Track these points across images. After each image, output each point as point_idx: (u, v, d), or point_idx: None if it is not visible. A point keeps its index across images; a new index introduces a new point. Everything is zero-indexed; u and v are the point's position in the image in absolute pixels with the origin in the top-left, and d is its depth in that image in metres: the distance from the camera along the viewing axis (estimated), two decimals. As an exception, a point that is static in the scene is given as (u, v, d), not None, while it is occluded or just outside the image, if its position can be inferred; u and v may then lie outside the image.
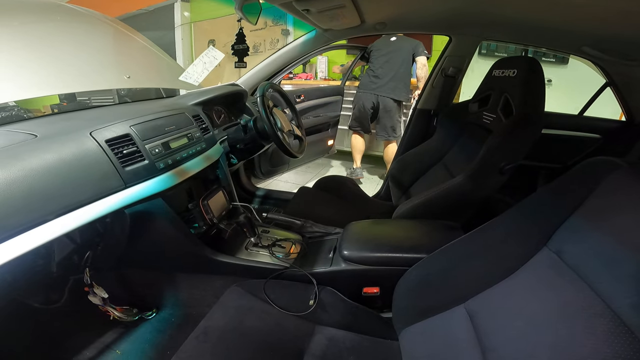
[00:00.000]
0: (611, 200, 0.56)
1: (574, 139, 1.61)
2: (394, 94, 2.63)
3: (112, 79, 1.11)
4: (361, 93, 2.71)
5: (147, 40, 1.34)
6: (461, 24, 1.32)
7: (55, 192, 0.68)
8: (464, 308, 0.70)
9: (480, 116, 1.25)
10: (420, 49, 2.59)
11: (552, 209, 0.64)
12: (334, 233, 1.18)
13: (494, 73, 1.21)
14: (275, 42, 3.46)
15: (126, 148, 0.82)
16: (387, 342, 0.89)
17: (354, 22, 1.23)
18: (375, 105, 2.68)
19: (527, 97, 1.04)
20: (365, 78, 2.70)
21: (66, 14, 1.15)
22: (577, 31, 1.07)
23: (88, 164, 0.75)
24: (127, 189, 0.80)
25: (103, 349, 0.95)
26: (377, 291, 0.97)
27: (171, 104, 1.18)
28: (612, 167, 0.60)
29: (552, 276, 0.57)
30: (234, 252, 1.12)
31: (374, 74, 2.63)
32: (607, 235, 0.53)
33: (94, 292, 0.99)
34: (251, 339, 0.86)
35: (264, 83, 1.21)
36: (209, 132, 1.13)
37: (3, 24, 0.91)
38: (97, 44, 1.13)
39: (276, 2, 0.97)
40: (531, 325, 0.55)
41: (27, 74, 0.87)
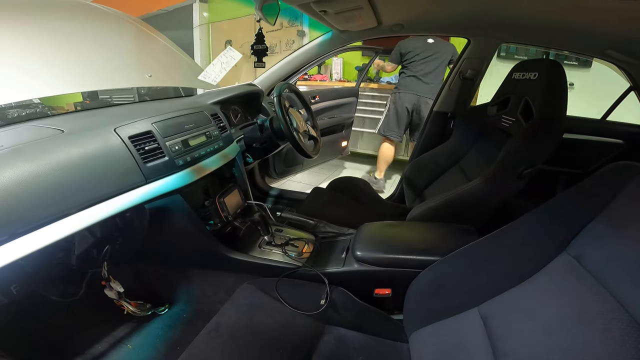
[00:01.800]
0: (633, 207, 0.55)
1: (595, 144, 1.56)
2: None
3: (135, 77, 1.14)
4: (402, 93, 2.58)
5: (168, 40, 1.37)
6: (480, 26, 1.30)
7: (79, 185, 0.70)
8: (477, 311, 0.69)
9: (499, 119, 1.23)
10: (456, 55, 2.52)
11: (572, 214, 0.63)
12: (347, 234, 1.18)
13: (514, 76, 1.19)
14: (291, 43, 3.49)
15: (148, 145, 0.85)
16: (397, 344, 0.89)
17: (371, 23, 1.23)
18: (416, 106, 2.58)
19: (548, 100, 1.02)
20: (406, 79, 2.58)
21: (91, 13, 1.19)
22: (602, 33, 1.04)
23: (112, 159, 0.77)
24: (148, 184, 0.83)
25: (115, 342, 0.97)
26: (388, 292, 0.97)
27: (191, 102, 1.20)
28: (636, 172, 0.59)
29: (571, 281, 0.56)
30: (248, 250, 1.13)
31: (414, 74, 2.53)
32: (630, 241, 0.52)
33: (111, 286, 1.02)
34: (261, 336, 0.87)
35: (280, 83, 1.22)
36: (226, 131, 1.15)
37: (33, 21, 0.95)
38: (120, 43, 1.16)
39: (294, 3, 0.98)
40: (546, 329, 0.54)
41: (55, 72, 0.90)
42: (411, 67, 2.56)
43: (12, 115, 1.52)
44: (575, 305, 0.53)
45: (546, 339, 0.53)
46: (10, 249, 0.59)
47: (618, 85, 1.50)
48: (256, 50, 1.04)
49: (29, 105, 2.38)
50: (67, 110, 2.72)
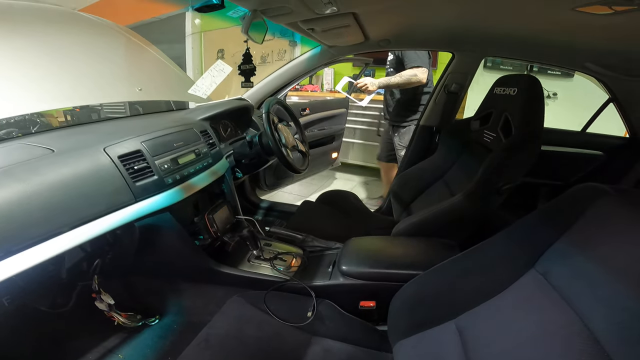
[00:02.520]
0: (596, 226, 0.59)
1: (576, 156, 1.61)
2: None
3: (124, 92, 1.15)
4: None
5: (159, 51, 1.38)
6: (463, 41, 1.34)
7: (70, 205, 0.72)
8: (454, 324, 0.72)
9: (481, 134, 1.27)
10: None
11: (540, 233, 0.67)
12: (334, 248, 1.21)
13: (496, 91, 1.22)
14: (283, 52, 3.52)
15: (137, 164, 0.87)
16: (382, 354, 0.91)
17: (358, 39, 1.27)
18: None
19: (526, 117, 1.05)
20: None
21: (81, 24, 1.18)
22: (580, 48, 1.09)
23: (102, 179, 0.79)
24: (137, 203, 0.85)
25: (106, 353, 0.98)
26: (373, 305, 1.00)
27: (180, 118, 1.22)
28: (599, 194, 0.62)
29: (537, 296, 0.60)
30: (237, 264, 1.15)
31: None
32: (591, 259, 0.55)
33: (101, 298, 1.03)
34: (250, 348, 0.89)
35: (269, 99, 1.25)
36: (215, 148, 1.18)
37: (22, 33, 0.96)
38: (110, 56, 1.16)
39: (282, 22, 1.01)
40: (515, 342, 0.57)
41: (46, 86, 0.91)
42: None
43: (3, 130, 1.53)
44: (541, 319, 0.56)
45: (514, 351, 0.56)
46: (6, 266, 0.61)
47: (600, 94, 1.55)
48: (244, 70, 1.06)
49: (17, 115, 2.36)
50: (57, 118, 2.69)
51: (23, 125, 2.00)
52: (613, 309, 0.47)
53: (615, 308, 0.47)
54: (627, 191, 0.61)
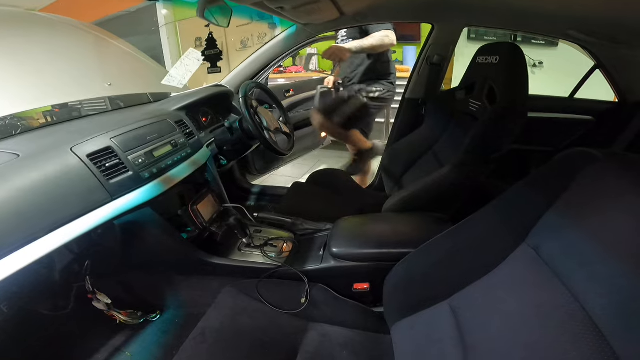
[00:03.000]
0: (586, 196, 0.55)
1: (565, 121, 1.59)
2: None
3: (94, 87, 1.11)
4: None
5: (127, 44, 1.33)
6: (443, 11, 1.29)
7: (43, 209, 0.70)
8: (447, 304, 0.71)
9: (467, 104, 1.24)
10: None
11: (529, 204, 0.64)
12: (325, 229, 1.19)
13: (478, 60, 1.19)
14: (263, 36, 3.40)
15: (108, 161, 0.83)
16: (380, 337, 0.91)
17: (333, 15, 1.21)
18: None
19: (510, 84, 1.03)
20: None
21: (39, 24, 1.14)
22: (562, 15, 1.05)
23: (72, 180, 0.76)
24: (114, 201, 0.82)
25: (113, 351, 0.99)
26: (367, 287, 0.99)
27: (153, 110, 1.17)
28: (588, 160, 0.58)
29: (530, 273, 0.57)
30: (227, 253, 1.14)
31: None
32: (582, 232, 0.52)
33: (97, 299, 1.03)
34: (246, 338, 0.89)
35: (246, 83, 1.21)
36: (194, 137, 1.14)
37: None
38: (74, 53, 1.12)
39: (247, 2, 0.96)
40: (509, 324, 0.55)
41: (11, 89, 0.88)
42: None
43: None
44: (535, 299, 0.53)
45: (509, 333, 0.54)
46: None
47: (587, 61, 1.52)
48: (208, 55, 1.01)
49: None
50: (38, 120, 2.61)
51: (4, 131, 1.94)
52: (609, 288, 0.44)
53: (611, 287, 0.44)
54: (617, 155, 0.58)
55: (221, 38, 1.09)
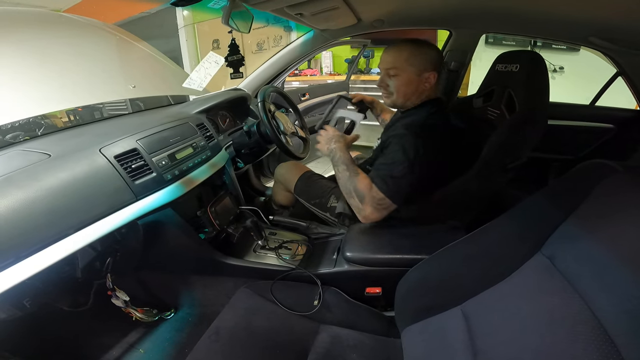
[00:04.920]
0: (604, 207, 0.56)
1: (586, 129, 1.56)
2: None
3: (118, 89, 1.14)
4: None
5: (150, 46, 1.36)
6: (461, 18, 1.29)
7: (72, 208, 0.73)
8: (460, 310, 0.72)
9: (485, 111, 1.23)
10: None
11: (546, 214, 0.64)
12: (339, 234, 1.21)
13: (497, 67, 1.18)
14: (279, 38, 3.44)
15: (134, 162, 0.86)
16: (390, 340, 0.92)
17: (350, 21, 1.22)
18: None
19: (530, 93, 1.02)
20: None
21: (66, 25, 1.18)
22: (582, 21, 1.04)
23: (100, 180, 0.79)
24: (138, 201, 0.85)
25: (128, 348, 1.02)
26: (379, 291, 1.00)
27: (176, 113, 1.21)
28: (607, 172, 0.59)
29: (544, 281, 0.58)
30: (243, 254, 1.16)
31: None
32: (598, 242, 0.53)
33: (117, 296, 1.06)
34: (259, 338, 0.91)
35: (264, 87, 1.23)
36: (213, 140, 1.17)
37: (7, 38, 0.95)
38: (100, 55, 1.15)
39: (267, 9, 0.98)
40: (520, 329, 0.56)
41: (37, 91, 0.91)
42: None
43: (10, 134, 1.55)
44: (547, 305, 0.54)
45: (519, 338, 0.55)
46: (18, 270, 0.63)
47: (609, 67, 1.49)
48: (231, 61, 1.03)
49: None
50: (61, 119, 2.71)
51: (28, 128, 2.02)
52: (621, 297, 0.45)
53: (624, 296, 0.45)
54: (636, 168, 0.58)
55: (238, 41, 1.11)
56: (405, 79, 1.04)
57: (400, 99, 1.07)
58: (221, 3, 0.83)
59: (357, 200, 0.98)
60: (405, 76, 1.04)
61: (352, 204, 1.01)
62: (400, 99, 1.07)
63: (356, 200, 0.98)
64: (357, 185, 0.98)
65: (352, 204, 1.01)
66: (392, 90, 1.07)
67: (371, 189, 0.96)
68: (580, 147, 1.58)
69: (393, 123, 1.15)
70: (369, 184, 0.97)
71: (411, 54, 1.02)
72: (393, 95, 1.08)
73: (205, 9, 0.88)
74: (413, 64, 1.02)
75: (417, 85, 1.05)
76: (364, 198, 0.96)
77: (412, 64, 1.03)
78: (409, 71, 1.03)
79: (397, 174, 0.94)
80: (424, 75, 1.03)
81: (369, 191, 0.96)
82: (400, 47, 1.04)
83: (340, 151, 1.05)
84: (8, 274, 0.62)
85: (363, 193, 0.97)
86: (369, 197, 0.96)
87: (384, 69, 1.07)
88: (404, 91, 1.06)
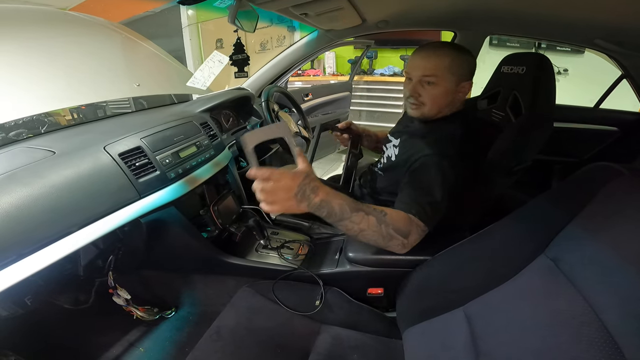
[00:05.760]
0: (609, 209, 0.56)
1: (590, 132, 1.56)
2: None
3: (123, 88, 1.15)
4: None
5: (154, 45, 1.37)
6: (466, 19, 1.28)
7: (76, 205, 0.73)
8: (462, 311, 0.72)
9: (489, 113, 1.23)
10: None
11: (551, 216, 0.65)
12: (341, 234, 1.20)
13: (503, 69, 1.18)
14: (282, 38, 3.45)
15: (138, 160, 0.87)
16: (391, 341, 0.92)
17: (355, 22, 1.22)
18: None
19: (537, 96, 1.00)
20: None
21: (72, 23, 1.18)
22: (588, 23, 1.03)
23: (104, 178, 0.80)
24: (142, 199, 0.85)
25: (128, 346, 1.02)
26: (381, 292, 1.00)
27: (180, 112, 1.21)
28: (613, 174, 0.59)
29: (547, 283, 0.58)
30: (245, 254, 1.16)
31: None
32: (603, 244, 0.53)
33: (118, 294, 1.06)
34: (260, 338, 0.91)
35: (268, 87, 1.23)
36: (217, 139, 1.17)
37: (14, 36, 0.96)
38: (105, 53, 1.16)
39: (272, 8, 0.98)
40: (522, 330, 0.56)
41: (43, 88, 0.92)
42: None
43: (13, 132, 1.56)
44: (550, 307, 0.54)
45: (521, 340, 0.55)
46: (20, 268, 0.63)
47: (613, 70, 1.49)
48: (236, 60, 1.04)
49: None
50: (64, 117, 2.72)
51: (32, 126, 2.03)
52: (626, 300, 0.45)
53: (629, 298, 0.45)
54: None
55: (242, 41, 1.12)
56: (443, 89, 0.91)
57: (433, 111, 0.95)
58: (227, 2, 0.84)
59: (400, 238, 0.80)
60: (444, 85, 0.91)
61: (391, 245, 0.81)
62: (434, 110, 0.95)
63: (399, 239, 0.80)
64: (396, 224, 0.79)
65: (392, 245, 0.81)
66: (424, 101, 0.93)
67: (411, 220, 0.81)
68: (584, 149, 1.58)
69: (412, 134, 1.00)
70: (406, 217, 0.81)
71: (453, 60, 0.89)
72: (425, 107, 0.94)
73: (211, 8, 0.88)
74: (454, 73, 0.90)
75: (453, 96, 0.93)
76: (409, 233, 0.81)
77: (453, 72, 0.90)
78: (449, 80, 0.90)
79: (435, 200, 0.83)
80: (462, 84, 0.92)
81: (411, 224, 0.81)
82: (440, 51, 0.91)
83: (331, 201, 0.71)
84: (10, 272, 0.62)
85: (407, 229, 0.80)
86: (414, 229, 0.81)
87: (419, 75, 0.92)
88: (440, 102, 0.93)
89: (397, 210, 0.81)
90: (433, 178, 0.84)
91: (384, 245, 0.81)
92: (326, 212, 0.72)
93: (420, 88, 0.93)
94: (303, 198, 0.67)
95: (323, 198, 0.69)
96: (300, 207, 0.68)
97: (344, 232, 0.80)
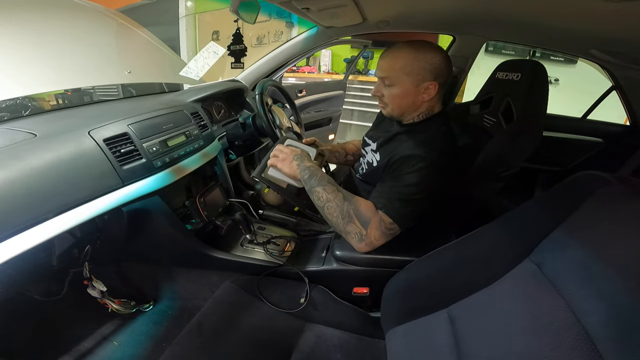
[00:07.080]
0: (595, 216, 0.57)
1: (575, 142, 1.59)
2: None
3: (113, 74, 1.12)
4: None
5: (149, 33, 1.34)
6: (466, 24, 1.29)
7: (54, 190, 0.70)
8: (446, 313, 0.72)
9: (481, 118, 1.24)
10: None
11: (537, 221, 0.65)
12: (329, 232, 1.20)
13: (498, 75, 1.19)
14: (279, 34, 3.42)
15: (124, 147, 0.84)
16: (374, 341, 0.92)
17: (356, 20, 1.21)
18: None
19: (529, 104, 1.01)
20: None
21: (68, 8, 1.15)
22: (585, 34, 1.05)
23: (86, 163, 0.76)
24: (125, 187, 0.82)
25: (101, 340, 0.99)
26: (366, 291, 0.99)
27: (170, 100, 1.18)
28: (601, 183, 0.60)
29: (531, 287, 0.58)
30: (230, 248, 1.14)
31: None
32: (587, 250, 0.54)
33: (93, 286, 1.03)
34: (242, 335, 0.89)
35: (263, 80, 1.21)
36: (207, 129, 1.14)
37: (4, 18, 0.92)
38: (98, 39, 1.13)
39: (275, 1, 0.96)
40: (505, 334, 0.56)
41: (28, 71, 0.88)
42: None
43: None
44: (533, 311, 0.55)
45: (504, 343, 0.55)
46: None
47: (603, 82, 1.52)
48: (233, 50, 1.02)
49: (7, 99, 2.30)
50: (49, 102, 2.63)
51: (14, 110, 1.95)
52: (607, 305, 0.46)
53: (609, 303, 0.46)
54: (628, 180, 0.59)
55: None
56: (400, 90, 0.92)
57: (396, 111, 0.96)
58: (229, -7, 0.82)
59: (359, 226, 0.84)
60: (401, 86, 0.91)
61: (349, 231, 0.86)
62: (396, 110, 0.96)
63: (357, 225, 0.84)
64: (358, 207, 0.85)
65: (350, 231, 0.86)
66: (386, 101, 0.96)
67: (377, 212, 0.85)
68: (568, 159, 1.61)
69: (392, 138, 1.00)
70: (372, 206, 0.85)
71: (408, 61, 0.89)
72: (388, 107, 0.96)
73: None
74: (409, 74, 0.89)
75: (414, 97, 0.92)
76: (369, 222, 0.84)
77: (408, 73, 0.89)
78: (405, 81, 0.90)
79: (409, 198, 0.84)
80: (423, 85, 0.90)
81: (375, 215, 0.84)
82: (396, 53, 0.91)
83: (317, 170, 0.90)
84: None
85: (367, 217, 0.84)
86: (375, 220, 0.84)
87: (379, 76, 0.95)
88: (399, 103, 0.94)
89: (367, 200, 0.89)
90: (408, 177, 0.85)
91: (342, 229, 0.88)
92: (308, 175, 0.90)
93: (382, 88, 0.96)
94: (298, 162, 0.92)
95: (311, 165, 0.92)
96: (293, 165, 0.92)
97: (314, 202, 0.90)
